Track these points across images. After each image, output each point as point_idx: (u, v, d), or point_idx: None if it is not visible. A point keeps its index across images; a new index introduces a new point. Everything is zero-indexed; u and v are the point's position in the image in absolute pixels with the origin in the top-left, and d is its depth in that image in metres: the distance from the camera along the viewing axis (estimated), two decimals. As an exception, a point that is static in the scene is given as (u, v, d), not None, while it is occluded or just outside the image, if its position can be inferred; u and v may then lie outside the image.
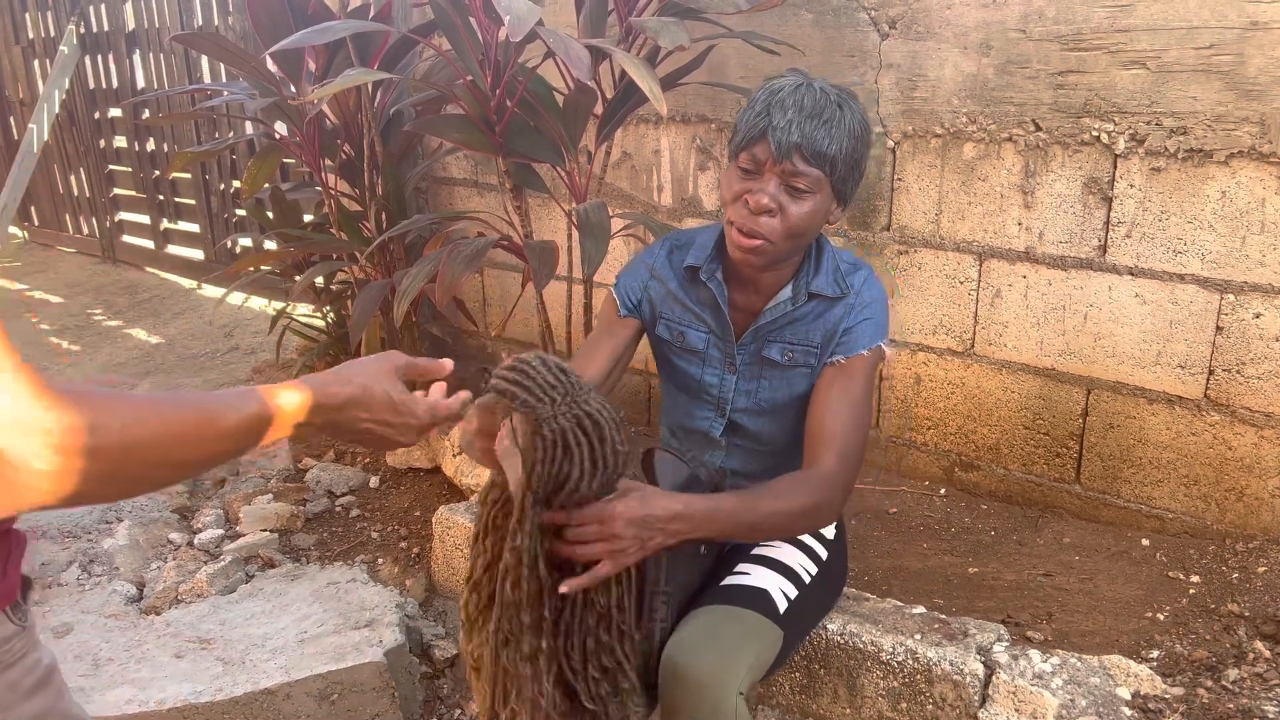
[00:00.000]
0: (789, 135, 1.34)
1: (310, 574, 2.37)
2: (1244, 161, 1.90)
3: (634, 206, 2.88)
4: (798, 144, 1.34)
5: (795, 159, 1.35)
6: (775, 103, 1.35)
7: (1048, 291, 2.20)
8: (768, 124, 1.35)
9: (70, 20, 5.07)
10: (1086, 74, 2.04)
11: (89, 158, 5.40)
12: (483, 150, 2.19)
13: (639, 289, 1.64)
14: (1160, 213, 2.02)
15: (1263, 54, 1.84)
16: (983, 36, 2.15)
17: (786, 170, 1.36)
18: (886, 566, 2.11)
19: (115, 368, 3.98)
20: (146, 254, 5.29)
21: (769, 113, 1.35)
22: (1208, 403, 2.05)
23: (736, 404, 1.57)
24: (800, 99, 1.35)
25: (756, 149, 1.37)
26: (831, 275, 1.49)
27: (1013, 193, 2.20)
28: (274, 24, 2.54)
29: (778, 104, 1.35)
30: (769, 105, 1.36)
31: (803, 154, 1.35)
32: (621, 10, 2.18)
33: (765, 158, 1.36)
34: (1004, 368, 2.31)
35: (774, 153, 1.35)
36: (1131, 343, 2.11)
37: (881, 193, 2.39)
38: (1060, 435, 2.27)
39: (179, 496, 2.83)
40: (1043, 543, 2.17)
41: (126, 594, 2.33)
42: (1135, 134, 2.00)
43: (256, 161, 2.84)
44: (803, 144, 1.34)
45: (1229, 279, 1.97)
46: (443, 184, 3.48)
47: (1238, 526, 2.05)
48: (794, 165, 1.35)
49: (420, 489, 2.74)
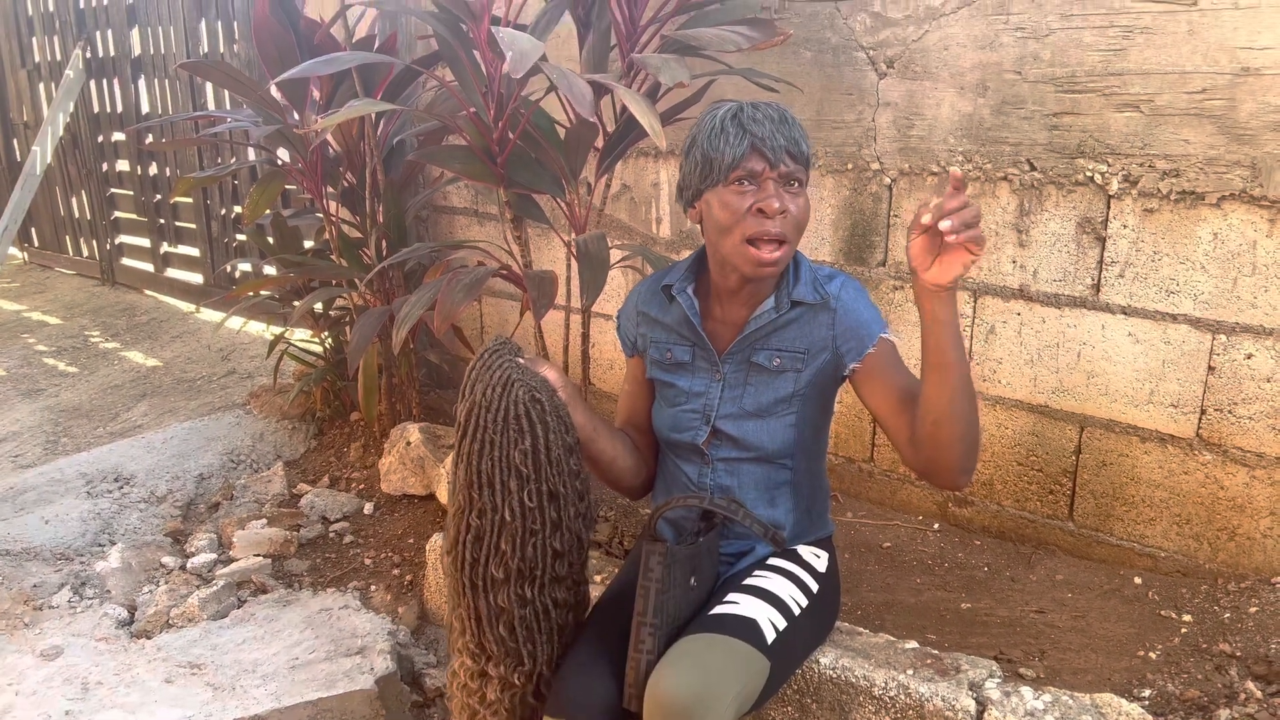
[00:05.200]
0: (776, 141, 1.44)
1: (303, 600, 2.37)
2: (1235, 204, 1.93)
3: (633, 238, 2.91)
4: (785, 146, 1.45)
5: (787, 160, 1.45)
6: (746, 120, 1.45)
7: (1041, 329, 2.22)
8: (752, 139, 1.44)
9: (77, 45, 5.11)
10: (1081, 116, 2.07)
11: (91, 181, 5.43)
12: (485, 181, 2.22)
13: (632, 329, 1.73)
14: (1153, 253, 2.04)
15: (1254, 99, 1.87)
16: (979, 77, 2.18)
17: (783, 173, 1.46)
18: (880, 601, 2.12)
19: (112, 389, 3.98)
20: (146, 277, 5.31)
21: (746, 130, 1.45)
22: (1200, 442, 2.06)
23: (722, 410, 1.59)
24: (765, 113, 1.46)
25: (750, 164, 1.45)
26: (811, 284, 1.56)
27: (1007, 231, 2.22)
28: (280, 53, 2.57)
29: (750, 120, 1.45)
30: (742, 125, 1.45)
31: (790, 154, 1.45)
32: (623, 46, 2.21)
33: (760, 168, 1.45)
34: (998, 404, 2.32)
35: (769, 160, 1.44)
36: (1124, 381, 2.13)
37: (878, 229, 2.42)
38: (1053, 472, 2.28)
39: (173, 520, 2.83)
40: (1035, 579, 2.17)
41: (118, 617, 2.33)
42: (1129, 175, 2.03)
43: (259, 188, 2.86)
44: (789, 146, 1.45)
45: (1221, 320, 1.99)
46: (443, 212, 3.51)
47: (1230, 566, 2.06)
48: (787, 166, 1.45)
49: (415, 516, 2.74)
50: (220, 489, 3.00)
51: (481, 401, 1.43)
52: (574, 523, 1.49)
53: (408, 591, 2.42)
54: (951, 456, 1.41)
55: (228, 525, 2.73)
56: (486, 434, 1.42)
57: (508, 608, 1.45)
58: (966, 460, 1.42)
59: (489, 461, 1.42)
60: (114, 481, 2.95)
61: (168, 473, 3.02)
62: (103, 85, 5.13)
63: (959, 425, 1.38)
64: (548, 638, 1.50)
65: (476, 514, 1.44)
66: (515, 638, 1.47)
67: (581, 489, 1.51)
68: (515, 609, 1.46)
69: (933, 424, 1.39)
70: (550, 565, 1.47)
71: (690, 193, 1.54)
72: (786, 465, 1.60)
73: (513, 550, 1.43)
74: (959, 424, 1.38)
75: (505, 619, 1.46)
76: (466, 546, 1.46)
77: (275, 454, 3.22)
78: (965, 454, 1.41)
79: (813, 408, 1.59)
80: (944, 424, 1.38)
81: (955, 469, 1.42)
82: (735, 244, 1.48)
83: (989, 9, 2.14)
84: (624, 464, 1.68)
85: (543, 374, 1.51)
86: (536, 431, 1.43)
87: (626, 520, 2.42)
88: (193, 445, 3.19)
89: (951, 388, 1.36)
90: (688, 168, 1.53)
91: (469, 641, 1.50)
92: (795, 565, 1.61)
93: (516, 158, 2.23)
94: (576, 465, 1.50)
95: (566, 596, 1.52)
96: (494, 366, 1.45)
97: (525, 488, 1.42)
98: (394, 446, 2.82)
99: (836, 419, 1.70)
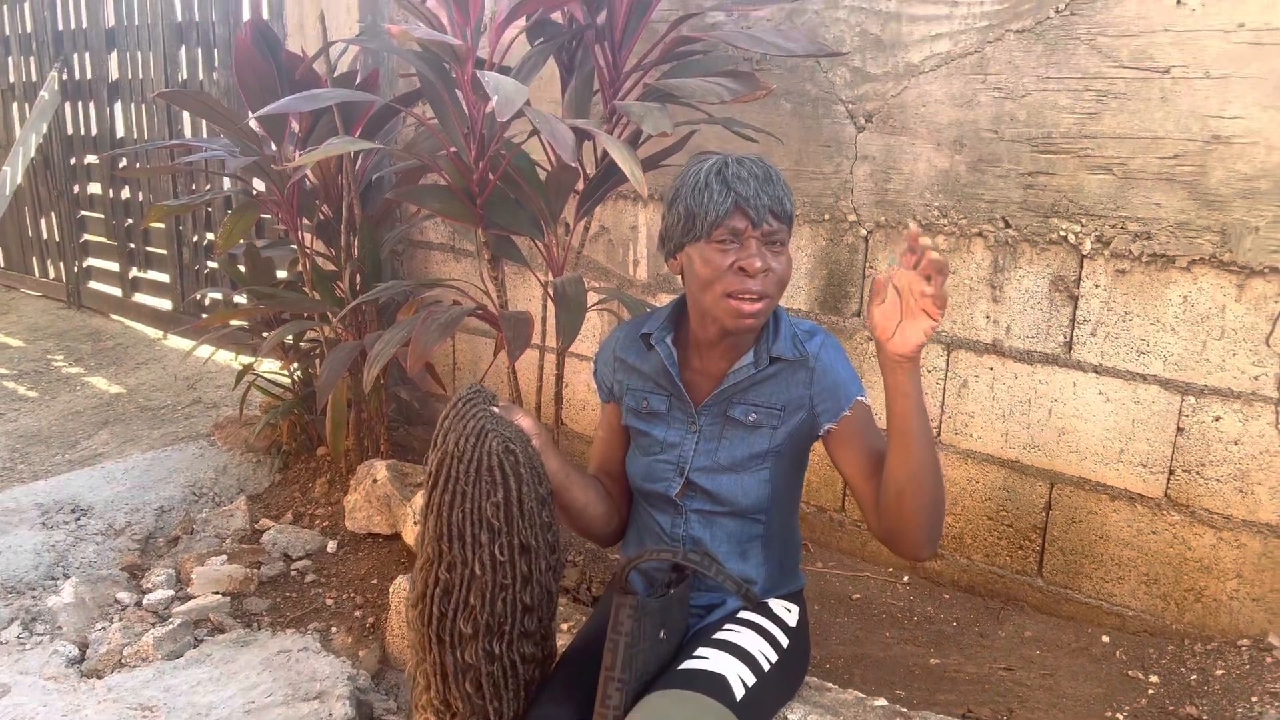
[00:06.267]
0: (760, 200, 1.44)
1: (261, 641, 2.31)
2: (1205, 268, 1.96)
3: (609, 279, 2.91)
4: (769, 206, 1.45)
5: (770, 219, 1.45)
6: (730, 178, 1.45)
7: (1014, 384, 2.23)
8: (736, 198, 1.44)
9: (54, 66, 5.07)
10: (1056, 176, 2.10)
11: (61, 202, 5.37)
12: (464, 221, 2.21)
13: (609, 374, 1.71)
14: (1124, 313, 2.06)
15: (1224, 166, 1.90)
16: (956, 134, 2.21)
17: (765, 232, 1.45)
18: (849, 654, 2.10)
19: (72, 416, 3.91)
20: (113, 301, 5.24)
21: (730, 188, 1.45)
22: (1168, 502, 2.07)
23: (696, 463, 1.58)
24: (750, 170, 1.46)
25: (732, 222, 1.45)
26: (790, 340, 1.55)
27: (982, 286, 2.24)
28: (260, 84, 2.56)
29: (734, 178, 1.45)
30: (726, 182, 1.45)
31: (774, 213, 1.45)
32: (606, 91, 2.22)
33: (744, 226, 1.45)
34: (969, 457, 2.33)
35: (752, 220, 1.44)
36: (1095, 439, 2.14)
37: (853, 279, 2.43)
38: (1023, 528, 2.28)
39: (130, 554, 2.76)
40: (1004, 635, 2.17)
41: (68, 655, 2.26)
42: (1101, 236, 2.06)
43: (233, 217, 2.84)
44: (773, 205, 1.45)
45: (1190, 381, 2.01)
46: (419, 247, 3.50)
47: (1196, 627, 2.07)
48: (770, 225, 1.45)
49: (379, 555, 2.70)
50: (180, 522, 2.94)
51: (454, 452, 1.41)
52: (544, 576, 1.46)
53: (369, 634, 2.37)
54: (913, 527, 1.40)
55: (187, 561, 2.67)
56: (458, 485, 1.40)
57: (475, 664, 1.42)
58: (929, 532, 1.41)
59: (460, 513, 1.40)
60: (71, 512, 2.88)
61: (127, 504, 2.96)
62: (78, 108, 5.09)
63: (921, 497, 1.38)
64: (514, 694, 1.47)
65: (446, 567, 1.41)
66: (482, 694, 1.44)
67: (553, 541, 1.48)
68: (483, 665, 1.42)
69: (895, 493, 1.39)
70: (519, 620, 1.45)
71: (672, 244, 1.54)
72: (760, 520, 1.59)
73: (482, 605, 1.41)
74: (921, 495, 1.38)
75: (472, 675, 1.43)
76: (434, 600, 1.42)
77: (238, 487, 3.16)
78: (928, 526, 1.40)
79: (787, 464, 1.58)
80: (905, 495, 1.38)
81: (917, 540, 1.42)
82: (716, 297, 1.48)
83: (967, 68, 2.17)
84: (596, 512, 1.66)
85: (517, 422, 1.49)
86: (509, 484, 1.41)
87: (594, 565, 2.39)
88: (154, 476, 3.12)
89: (915, 458, 1.36)
90: (670, 220, 1.52)
91: (434, 698, 1.47)
92: (766, 619, 1.60)
93: (496, 198, 2.23)
94: (549, 517, 1.47)
95: (534, 651, 1.49)
96: (468, 416, 1.43)
97: (496, 541, 1.40)
98: (360, 483, 2.78)
99: (808, 468, 1.69)
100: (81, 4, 4.84)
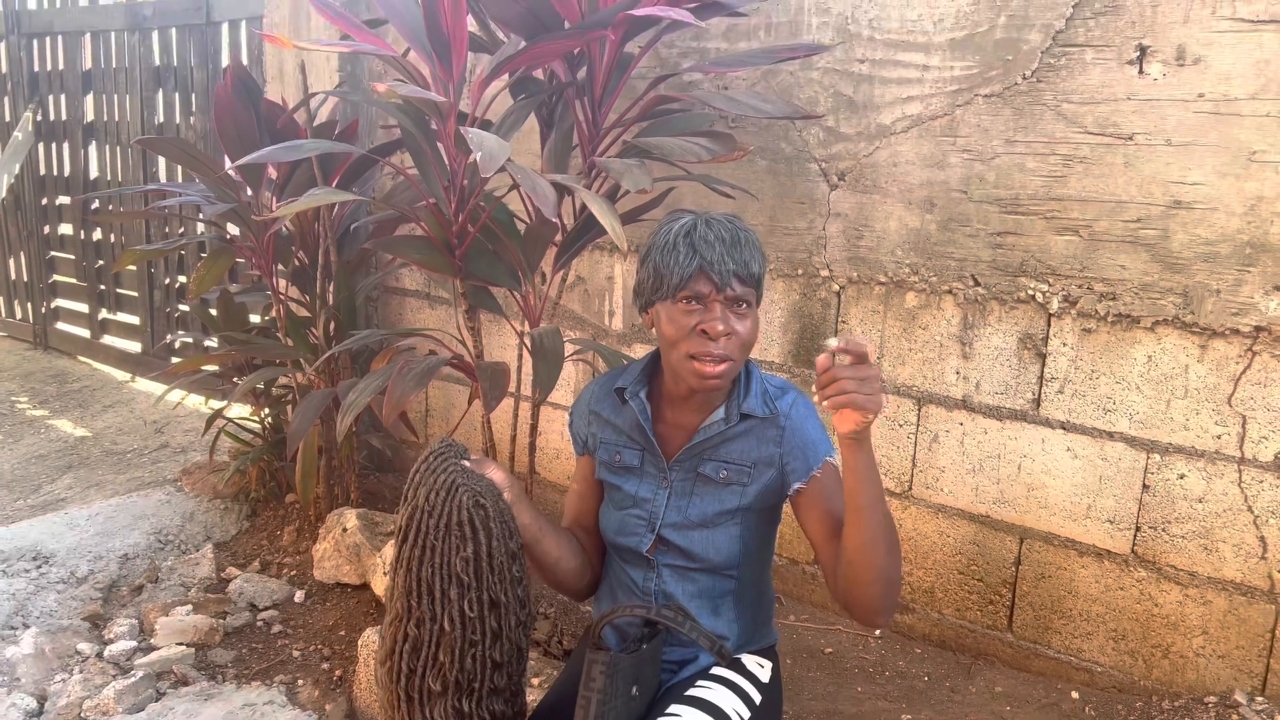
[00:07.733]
0: (725, 265, 1.45)
1: (225, 694, 2.27)
2: (1168, 329, 2.00)
3: (585, 329, 2.92)
4: (735, 271, 1.46)
5: (735, 284, 1.46)
6: (698, 241, 1.47)
7: (983, 440, 2.26)
8: (701, 262, 1.45)
9: (28, 107, 5.06)
10: (1023, 236, 2.15)
11: (31, 243, 5.33)
12: (442, 272, 2.22)
13: (584, 427, 1.71)
14: (1091, 371, 2.10)
15: (1185, 231, 1.96)
16: (927, 194, 2.26)
17: (729, 296, 1.46)
18: (821, 710, 2.09)
19: (36, 459, 3.84)
20: (80, 343, 5.18)
21: (696, 251, 1.46)
22: (1135, 558, 2.10)
23: (667, 518, 1.58)
24: (718, 233, 1.47)
25: (697, 286, 1.47)
26: (760, 398, 1.57)
27: (951, 343, 2.28)
28: (239, 132, 2.57)
29: (701, 241, 1.46)
30: (693, 245, 1.47)
31: (739, 278, 1.46)
32: (585, 147, 2.25)
33: (708, 290, 1.46)
34: (940, 512, 2.35)
35: (716, 285, 1.45)
36: (1063, 495, 2.17)
37: (826, 333, 2.46)
38: (993, 582, 2.30)
39: (93, 603, 2.71)
40: (975, 691, 2.17)
41: (26, 708, 2.20)
42: (1068, 296, 2.10)
43: (207, 262, 2.83)
44: (738, 270, 1.46)
45: (1155, 439, 2.04)
46: (394, 293, 3.50)
47: (1164, 684, 2.08)
48: (735, 290, 1.46)
49: (347, 606, 2.66)
50: (145, 571, 2.89)
51: (424, 506, 1.41)
52: (514, 632, 1.46)
53: (336, 688, 2.34)
54: (867, 596, 1.41)
55: (151, 610, 2.62)
56: (428, 540, 1.40)
57: None
58: (881, 602, 1.42)
59: (429, 569, 1.39)
60: (32, 559, 2.82)
61: (90, 552, 2.90)
62: (51, 149, 5.08)
63: (871, 570, 1.39)
64: None
65: (415, 623, 1.40)
66: None
67: (523, 596, 1.48)
68: None
69: (848, 562, 1.40)
70: (489, 677, 1.43)
71: (643, 300, 1.56)
72: (732, 575, 1.59)
73: (451, 661, 1.39)
74: (871, 568, 1.39)
75: None
76: (403, 656, 1.41)
77: (205, 535, 3.12)
78: (881, 595, 1.41)
79: (758, 520, 1.59)
80: (858, 564, 1.39)
81: (871, 608, 1.42)
82: (681, 357, 1.49)
83: (937, 130, 2.23)
84: (569, 565, 1.66)
85: (489, 476, 1.49)
86: (479, 538, 1.41)
87: (567, 618, 2.38)
88: (119, 523, 3.07)
89: (868, 529, 1.37)
90: (642, 275, 1.54)
91: None
92: (739, 675, 1.59)
93: (475, 250, 2.25)
94: (519, 572, 1.47)
95: (504, 709, 1.48)
96: (438, 470, 1.43)
97: (466, 596, 1.39)
98: (330, 532, 2.75)
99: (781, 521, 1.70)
100: (59, 46, 4.84)
